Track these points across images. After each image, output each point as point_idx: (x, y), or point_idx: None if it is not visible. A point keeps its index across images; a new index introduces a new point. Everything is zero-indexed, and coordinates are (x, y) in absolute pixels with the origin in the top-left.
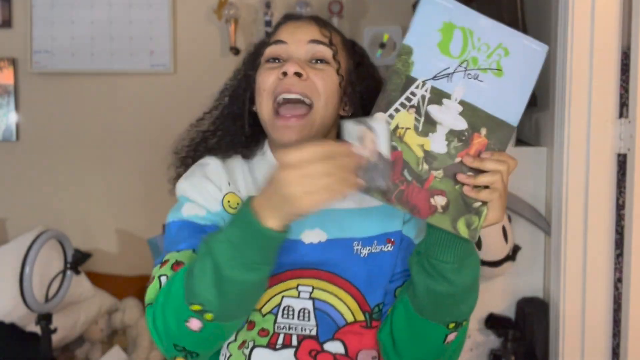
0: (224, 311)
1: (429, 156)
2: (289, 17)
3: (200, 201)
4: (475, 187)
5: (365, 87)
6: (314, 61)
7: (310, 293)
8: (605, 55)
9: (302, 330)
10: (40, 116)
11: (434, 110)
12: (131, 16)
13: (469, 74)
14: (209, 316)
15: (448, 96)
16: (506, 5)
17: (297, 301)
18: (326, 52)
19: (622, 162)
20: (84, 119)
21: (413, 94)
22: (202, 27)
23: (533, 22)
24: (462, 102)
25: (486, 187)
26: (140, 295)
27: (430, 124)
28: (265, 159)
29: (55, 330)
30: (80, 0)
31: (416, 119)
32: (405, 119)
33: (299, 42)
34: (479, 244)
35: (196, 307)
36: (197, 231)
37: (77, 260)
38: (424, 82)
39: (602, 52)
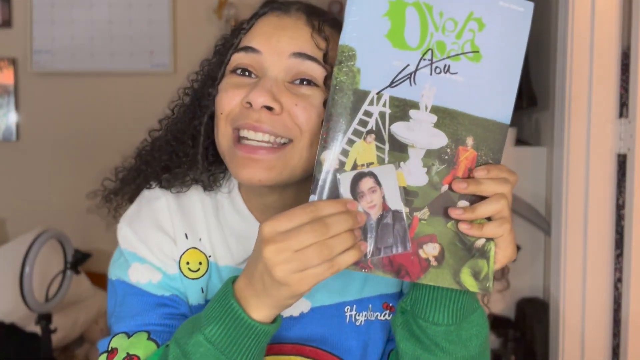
0: None
1: (406, 194)
2: (272, 6)
3: (153, 261)
4: (476, 221)
5: None
6: (297, 81)
7: None
8: (605, 55)
9: None
10: (40, 116)
11: (400, 129)
12: (131, 16)
13: (437, 67)
14: None
15: (415, 105)
16: None
17: None
18: (317, 71)
19: (622, 162)
20: (84, 119)
21: (367, 113)
22: (202, 27)
23: (533, 22)
24: (435, 109)
25: (488, 218)
26: None
27: (399, 151)
28: (232, 203)
29: (55, 330)
30: (80, 0)
31: (379, 149)
32: (364, 152)
33: (279, 53)
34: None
35: None
36: (150, 305)
37: (77, 260)
38: (379, 94)
39: (602, 52)
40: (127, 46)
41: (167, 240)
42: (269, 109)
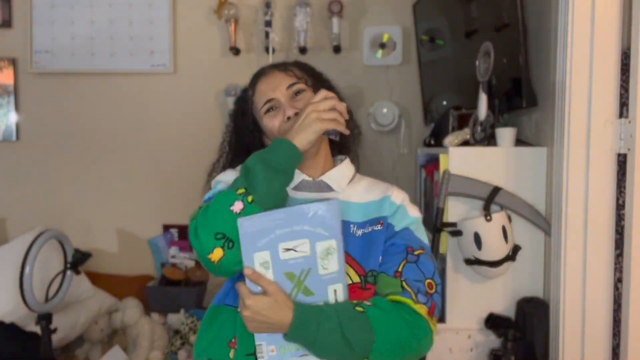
0: (265, 196)
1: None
2: (257, 76)
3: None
4: None
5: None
6: (295, 94)
7: None
8: (605, 55)
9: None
10: (40, 116)
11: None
12: (131, 16)
13: None
14: (250, 199)
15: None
16: (506, 5)
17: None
18: (300, 86)
19: (622, 162)
20: (84, 119)
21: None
22: (202, 27)
23: (533, 22)
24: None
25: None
26: (140, 295)
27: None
28: None
29: (55, 330)
30: (80, 0)
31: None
32: None
33: (282, 92)
34: (479, 245)
35: (241, 191)
36: None
37: (77, 260)
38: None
39: (602, 52)
40: (127, 46)
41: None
42: (296, 114)
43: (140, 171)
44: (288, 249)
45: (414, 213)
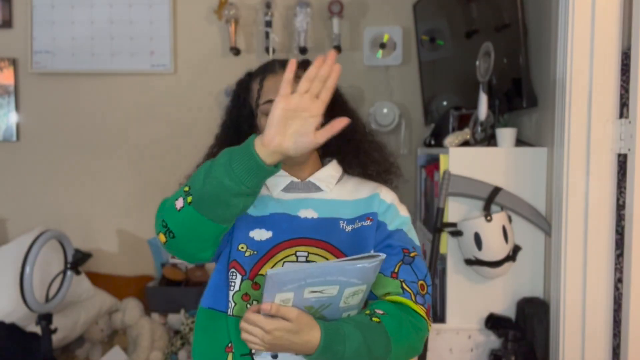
0: (200, 198)
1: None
2: (267, 70)
3: None
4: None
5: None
6: None
7: (306, 257)
8: (605, 55)
9: None
10: (40, 116)
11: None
12: (131, 16)
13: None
14: (189, 199)
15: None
16: (506, 5)
17: (296, 265)
18: None
19: (622, 162)
20: (84, 119)
21: None
22: (202, 27)
23: (533, 22)
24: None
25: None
26: (140, 295)
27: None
28: None
29: (55, 331)
30: (81, 1)
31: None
32: None
33: None
34: (479, 245)
35: (186, 189)
36: None
37: (78, 261)
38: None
39: (602, 52)
40: (127, 46)
41: None
42: None
43: (140, 171)
44: (314, 292)
45: (405, 213)
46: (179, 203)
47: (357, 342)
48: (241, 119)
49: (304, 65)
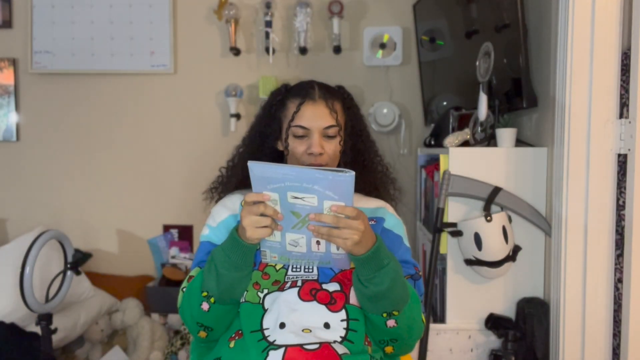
0: (220, 296)
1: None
2: (307, 96)
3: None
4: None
5: (354, 132)
6: (327, 136)
7: None
8: (605, 56)
9: (306, 278)
10: (40, 116)
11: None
12: (131, 16)
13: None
14: (212, 300)
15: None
16: (506, 5)
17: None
18: (334, 131)
19: (622, 162)
20: (84, 119)
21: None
22: (202, 28)
23: (533, 22)
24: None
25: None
26: (140, 295)
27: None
28: None
29: (55, 331)
30: (81, 1)
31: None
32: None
33: (318, 128)
34: (479, 245)
35: (205, 294)
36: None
37: (78, 261)
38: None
39: (602, 52)
40: (127, 46)
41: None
42: (320, 153)
43: (140, 171)
44: (296, 197)
45: (407, 242)
46: (205, 306)
47: (396, 269)
48: (269, 130)
49: (340, 94)
